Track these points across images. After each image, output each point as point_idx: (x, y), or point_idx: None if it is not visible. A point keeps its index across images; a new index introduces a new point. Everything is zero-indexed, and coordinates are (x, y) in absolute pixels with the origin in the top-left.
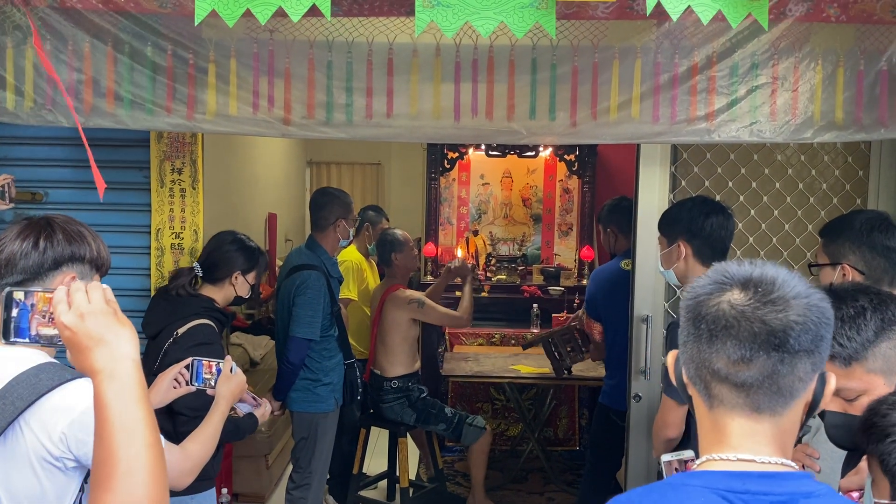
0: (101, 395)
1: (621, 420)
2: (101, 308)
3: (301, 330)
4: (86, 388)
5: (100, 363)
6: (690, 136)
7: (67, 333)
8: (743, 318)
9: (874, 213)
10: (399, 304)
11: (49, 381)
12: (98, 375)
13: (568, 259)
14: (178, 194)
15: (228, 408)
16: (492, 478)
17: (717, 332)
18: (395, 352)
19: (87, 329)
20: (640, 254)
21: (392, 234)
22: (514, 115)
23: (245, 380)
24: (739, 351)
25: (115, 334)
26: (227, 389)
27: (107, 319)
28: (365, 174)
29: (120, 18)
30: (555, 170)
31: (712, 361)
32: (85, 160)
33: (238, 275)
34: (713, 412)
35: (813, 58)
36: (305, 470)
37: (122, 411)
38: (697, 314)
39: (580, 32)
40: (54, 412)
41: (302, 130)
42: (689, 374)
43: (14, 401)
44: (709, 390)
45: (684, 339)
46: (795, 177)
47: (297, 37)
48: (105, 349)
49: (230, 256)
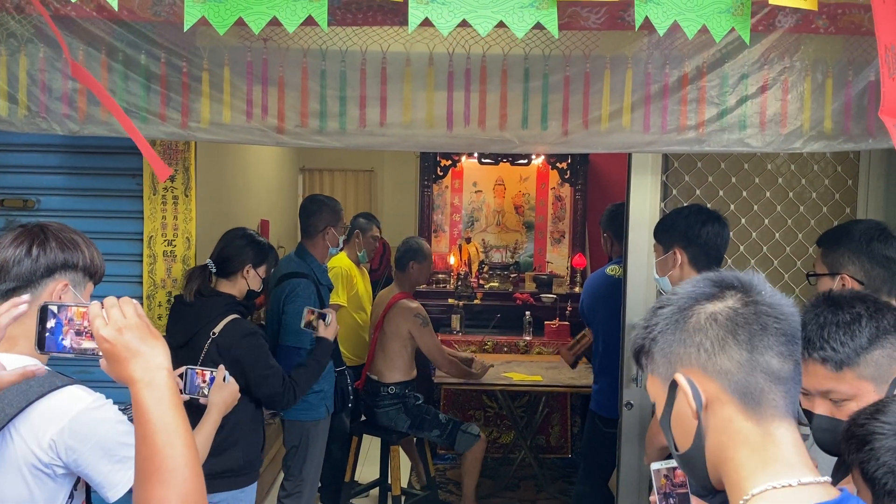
0: (140, 401)
1: (606, 426)
2: (136, 322)
3: (291, 339)
4: (76, 395)
5: (137, 373)
6: (681, 145)
7: (107, 346)
8: (771, 312)
9: (873, 223)
10: (405, 314)
11: (39, 388)
12: (136, 384)
13: (560, 267)
14: (170, 202)
15: (221, 417)
16: (484, 485)
17: (758, 331)
18: (395, 358)
19: (125, 342)
20: (632, 261)
21: (418, 242)
22: (506, 125)
23: (238, 389)
24: (780, 347)
25: (149, 346)
26: (220, 398)
27: (141, 333)
28: (358, 181)
29: (114, 27)
30: (547, 178)
31: (768, 363)
32: (77, 167)
33: (249, 268)
34: (764, 423)
35: (802, 68)
36: (297, 478)
37: (162, 415)
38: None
39: (572, 42)
40: (44, 419)
41: (295, 139)
42: (731, 387)
43: (4, 407)
44: (762, 397)
45: (710, 351)
46: (786, 186)
47: (290, 45)
48: (141, 360)
49: (242, 250)
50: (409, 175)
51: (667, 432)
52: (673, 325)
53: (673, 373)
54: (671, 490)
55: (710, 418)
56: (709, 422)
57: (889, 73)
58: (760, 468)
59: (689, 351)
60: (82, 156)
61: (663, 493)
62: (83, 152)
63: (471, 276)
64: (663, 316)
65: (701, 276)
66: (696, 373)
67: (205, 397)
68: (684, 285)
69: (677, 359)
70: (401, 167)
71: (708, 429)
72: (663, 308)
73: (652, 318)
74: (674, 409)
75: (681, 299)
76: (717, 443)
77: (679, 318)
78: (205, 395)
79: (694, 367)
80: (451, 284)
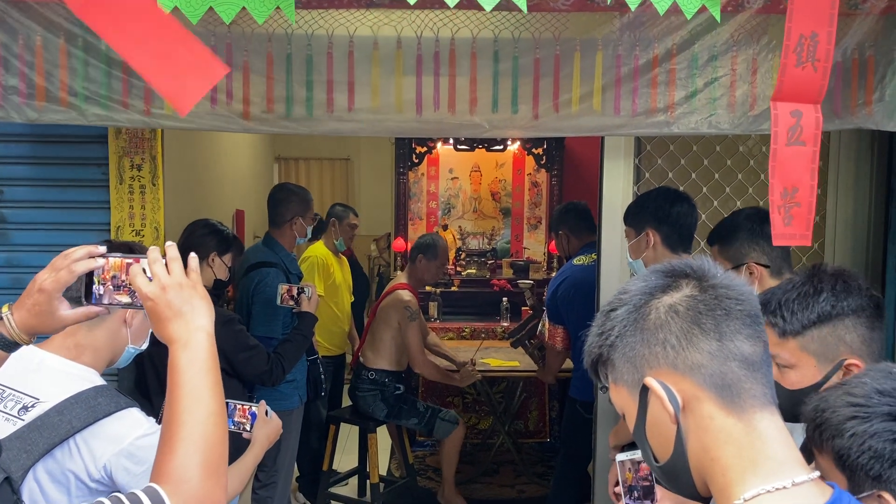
0: (175, 361)
1: (587, 411)
2: (182, 281)
3: (261, 329)
4: (136, 420)
5: (177, 333)
6: (651, 128)
7: (149, 304)
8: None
9: (755, 209)
10: (396, 304)
11: (107, 407)
12: (174, 344)
13: (537, 252)
14: (137, 191)
15: (263, 452)
16: (463, 471)
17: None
18: (381, 346)
19: (167, 300)
20: (606, 246)
21: (433, 238)
22: (476, 109)
23: (280, 424)
24: (746, 329)
25: (191, 307)
26: (264, 434)
27: (186, 292)
28: (334, 169)
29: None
30: (523, 164)
31: (740, 348)
32: (42, 157)
33: (214, 256)
34: (745, 416)
35: (770, 49)
36: (271, 469)
37: (192, 378)
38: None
39: (542, 25)
40: (103, 440)
41: (262, 125)
42: (706, 381)
43: (71, 419)
44: (740, 387)
45: (678, 346)
46: (757, 168)
47: (255, 30)
48: (182, 321)
49: (204, 239)
50: (386, 163)
51: (643, 444)
52: (631, 325)
53: (641, 377)
54: (636, 483)
55: (689, 419)
56: (688, 424)
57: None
58: (750, 469)
59: (655, 350)
60: (47, 145)
61: (628, 487)
62: (47, 141)
63: (448, 264)
64: (618, 318)
65: (649, 269)
66: (667, 373)
67: (247, 433)
68: (634, 281)
69: (643, 361)
70: (377, 155)
71: (688, 432)
72: (616, 310)
73: (605, 322)
74: (648, 416)
75: (634, 297)
76: (699, 445)
77: (637, 318)
78: (247, 431)
79: (663, 368)
80: None
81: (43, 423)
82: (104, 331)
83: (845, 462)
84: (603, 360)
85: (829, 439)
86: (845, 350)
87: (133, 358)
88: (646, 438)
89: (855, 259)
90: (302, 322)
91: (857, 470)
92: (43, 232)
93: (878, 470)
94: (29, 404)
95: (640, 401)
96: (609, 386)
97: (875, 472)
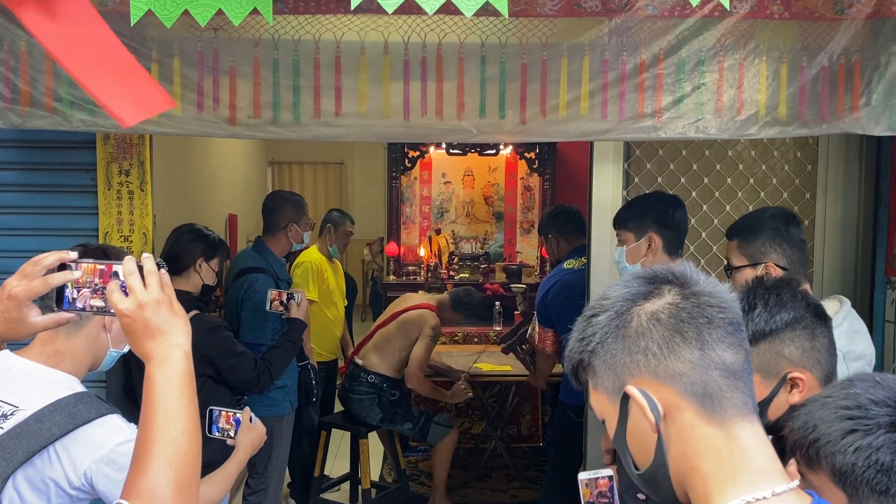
0: (151, 378)
1: (577, 415)
2: (159, 297)
3: (250, 335)
4: (118, 426)
5: (154, 351)
6: (638, 133)
7: (126, 321)
8: (713, 302)
9: (780, 209)
10: (423, 322)
11: (87, 413)
12: (151, 361)
13: (530, 256)
14: (125, 197)
15: (247, 458)
16: (455, 476)
17: (705, 324)
18: (389, 352)
19: (145, 318)
20: (595, 249)
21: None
22: (463, 114)
23: (264, 430)
24: (728, 338)
25: (170, 325)
26: (249, 440)
27: (163, 310)
28: (328, 174)
29: None
30: (516, 168)
31: (721, 357)
32: (29, 163)
33: (201, 261)
34: (726, 426)
35: (757, 54)
36: (262, 475)
37: (168, 395)
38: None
39: (528, 30)
40: (83, 447)
41: (249, 130)
42: (687, 390)
43: (51, 427)
44: (721, 396)
45: (659, 354)
46: (746, 172)
47: (242, 35)
48: (160, 338)
49: (190, 245)
50: (379, 167)
51: (623, 451)
52: (613, 332)
53: (622, 385)
54: (594, 499)
55: (670, 428)
56: (669, 432)
57: None
58: (730, 479)
59: (636, 358)
60: (34, 150)
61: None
62: (35, 147)
63: (441, 268)
64: (600, 324)
65: (630, 275)
66: (648, 381)
67: (231, 439)
68: (615, 287)
69: (624, 369)
70: (370, 159)
71: (669, 440)
72: (598, 315)
73: (586, 328)
74: (628, 424)
75: (615, 303)
76: (680, 454)
77: (618, 324)
78: (231, 437)
79: (644, 376)
80: (421, 276)
81: (22, 430)
82: (83, 337)
83: (847, 478)
84: (584, 366)
85: (827, 456)
86: (786, 364)
87: (118, 362)
88: (626, 445)
89: (844, 262)
90: (291, 328)
91: (862, 485)
92: (31, 238)
93: (885, 484)
94: (8, 412)
95: (621, 408)
96: (590, 391)
97: (882, 487)
